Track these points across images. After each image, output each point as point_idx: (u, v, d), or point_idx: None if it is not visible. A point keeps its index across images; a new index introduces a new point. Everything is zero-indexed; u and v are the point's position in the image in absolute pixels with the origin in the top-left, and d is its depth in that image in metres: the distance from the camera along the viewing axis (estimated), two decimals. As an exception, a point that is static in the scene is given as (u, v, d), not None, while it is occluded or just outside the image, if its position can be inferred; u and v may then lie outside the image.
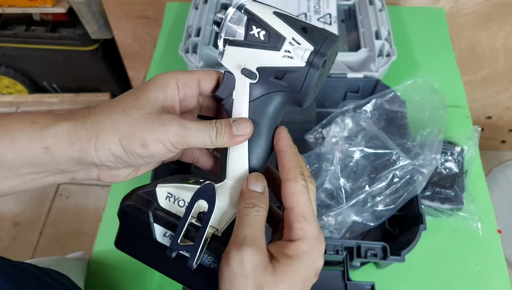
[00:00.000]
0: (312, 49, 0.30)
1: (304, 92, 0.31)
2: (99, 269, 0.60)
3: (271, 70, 0.31)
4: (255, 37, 0.31)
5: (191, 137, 0.32)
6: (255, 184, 0.32)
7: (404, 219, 0.58)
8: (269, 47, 0.31)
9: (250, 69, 0.32)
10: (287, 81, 0.31)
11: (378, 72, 0.65)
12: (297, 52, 0.30)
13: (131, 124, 0.31)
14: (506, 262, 0.58)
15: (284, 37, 0.30)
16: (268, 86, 0.32)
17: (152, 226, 0.33)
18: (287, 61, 0.30)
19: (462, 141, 0.63)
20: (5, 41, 1.39)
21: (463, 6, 0.93)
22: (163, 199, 0.34)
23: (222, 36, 0.32)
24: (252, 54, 0.31)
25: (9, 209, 1.45)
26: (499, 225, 0.61)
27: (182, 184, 0.34)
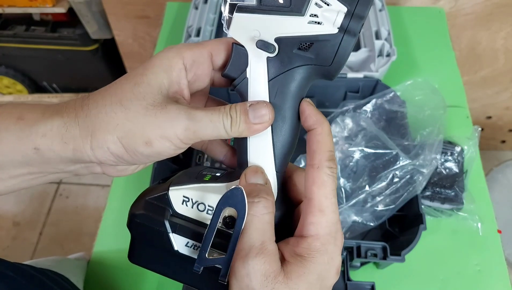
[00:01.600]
0: (346, 11, 0.24)
1: (337, 64, 0.26)
2: (99, 269, 0.60)
3: (294, 40, 0.25)
4: (271, 1, 0.25)
5: (203, 130, 0.27)
6: (255, 177, 0.28)
7: (404, 219, 0.58)
8: (291, 11, 0.25)
9: (267, 40, 0.26)
10: (314, 52, 0.26)
11: (378, 72, 0.65)
12: (327, 15, 0.24)
13: (131, 120, 0.26)
14: (506, 262, 0.58)
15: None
16: (290, 59, 0.26)
17: (171, 237, 0.28)
18: (315, 28, 0.25)
19: (462, 141, 0.63)
20: (5, 41, 1.39)
21: (463, 6, 0.93)
22: (179, 204, 0.29)
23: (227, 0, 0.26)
24: (269, 22, 0.25)
25: (9, 209, 1.45)
26: (499, 225, 0.61)
27: (198, 184, 0.29)
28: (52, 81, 1.62)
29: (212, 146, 0.34)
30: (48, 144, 0.27)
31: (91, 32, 1.31)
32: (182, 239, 0.28)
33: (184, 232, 0.28)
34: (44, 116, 0.27)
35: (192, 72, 0.29)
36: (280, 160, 0.29)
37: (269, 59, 0.27)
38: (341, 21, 0.24)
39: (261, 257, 0.25)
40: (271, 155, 0.28)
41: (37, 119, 0.27)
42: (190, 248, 0.28)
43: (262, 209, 0.26)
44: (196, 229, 0.28)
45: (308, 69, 0.27)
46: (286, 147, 0.29)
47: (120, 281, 0.59)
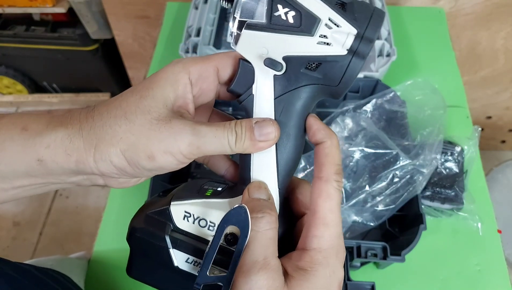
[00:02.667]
0: (356, 33, 0.24)
1: (344, 85, 0.25)
2: (99, 269, 0.60)
3: (302, 59, 0.25)
4: (281, 20, 0.24)
5: (207, 146, 0.27)
6: (258, 192, 0.28)
7: (404, 219, 0.58)
8: (301, 31, 0.24)
9: (275, 58, 0.26)
10: (322, 73, 0.25)
11: (378, 72, 0.65)
12: (336, 37, 0.24)
13: (135, 133, 0.26)
14: (506, 262, 0.58)
15: (319, 19, 0.24)
16: (297, 78, 0.26)
17: (171, 253, 0.28)
18: (324, 48, 0.24)
19: (462, 141, 0.63)
20: (5, 41, 1.39)
21: (463, 6, 0.93)
22: (180, 219, 0.29)
23: (236, 17, 0.26)
24: (278, 41, 0.25)
25: (9, 209, 1.45)
26: (499, 225, 0.61)
27: (200, 199, 0.29)
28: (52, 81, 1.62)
29: (214, 160, 0.34)
30: (52, 155, 0.27)
31: (91, 32, 1.31)
32: (182, 255, 0.28)
33: (184, 248, 0.28)
34: (48, 127, 0.27)
35: (197, 87, 0.29)
36: (283, 177, 0.29)
37: (276, 77, 0.27)
38: (351, 43, 0.24)
39: (264, 272, 0.25)
40: (274, 172, 0.28)
41: (42, 130, 0.27)
42: (190, 264, 0.28)
43: (265, 225, 0.26)
44: (197, 245, 0.28)
45: (315, 88, 0.27)
46: (289, 164, 0.29)
47: (121, 281, 0.59)
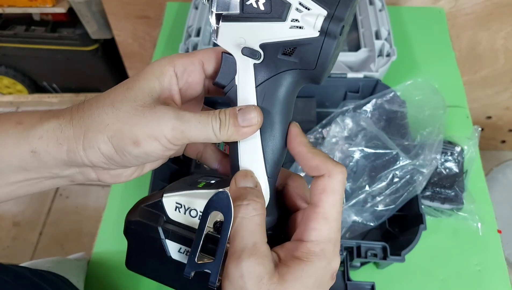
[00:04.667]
0: (326, 14, 0.24)
1: (320, 68, 0.26)
2: (99, 269, 0.60)
3: (277, 45, 0.26)
4: (253, 8, 0.25)
5: (191, 131, 0.27)
6: (244, 181, 0.28)
7: (404, 219, 0.58)
8: (272, 18, 0.25)
9: (252, 47, 0.27)
10: (298, 57, 0.26)
11: (378, 72, 0.65)
12: (307, 19, 0.25)
13: (121, 119, 0.27)
14: (506, 262, 0.58)
15: (289, 3, 0.25)
16: (276, 65, 0.27)
17: (164, 243, 0.29)
18: (296, 32, 0.25)
19: (462, 141, 0.63)
20: (5, 41, 1.39)
21: (463, 6, 0.93)
22: (172, 210, 0.30)
23: (213, 10, 0.27)
24: (252, 29, 0.26)
25: (9, 209, 1.45)
26: (499, 225, 0.61)
27: (191, 190, 0.30)
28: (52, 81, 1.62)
29: (207, 154, 0.35)
30: (44, 146, 0.28)
31: (91, 32, 1.31)
32: (175, 245, 0.29)
33: (177, 238, 0.29)
34: (41, 119, 0.29)
35: (183, 80, 0.30)
36: (271, 165, 0.29)
37: (255, 65, 0.27)
38: (321, 24, 0.24)
39: (254, 258, 0.25)
40: (262, 160, 0.29)
41: (35, 123, 0.28)
42: (183, 254, 0.29)
43: (252, 211, 0.26)
44: (188, 235, 0.29)
45: (294, 73, 0.27)
46: (276, 152, 0.29)
47: (121, 281, 0.59)
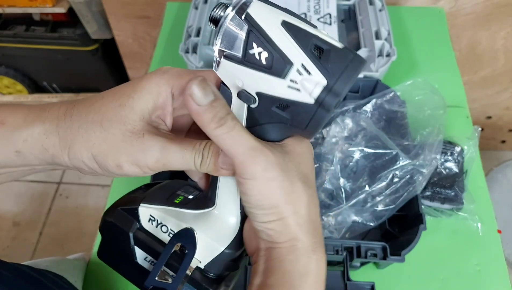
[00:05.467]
0: (325, 84, 0.23)
1: (311, 130, 0.25)
2: (99, 270, 0.60)
3: (273, 98, 0.25)
4: (255, 58, 0.24)
5: (173, 164, 0.28)
6: (206, 96, 0.25)
7: (404, 219, 0.58)
8: (272, 73, 0.24)
9: (249, 92, 0.26)
10: (291, 114, 0.25)
11: (378, 72, 0.65)
12: (305, 84, 0.24)
13: (108, 142, 0.27)
14: (506, 262, 0.58)
15: (291, 63, 0.24)
16: (268, 114, 0.26)
17: (133, 249, 0.31)
18: (293, 93, 0.24)
19: (462, 141, 0.63)
20: (5, 41, 1.39)
21: (463, 6, 0.93)
22: (145, 220, 0.31)
23: (217, 44, 0.25)
24: (251, 76, 0.25)
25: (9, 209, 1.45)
26: (499, 225, 0.61)
27: (166, 206, 0.31)
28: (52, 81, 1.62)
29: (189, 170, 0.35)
30: (29, 148, 0.28)
31: (91, 32, 1.31)
32: (142, 253, 0.30)
33: (145, 248, 0.30)
34: (26, 121, 0.28)
35: (179, 100, 0.29)
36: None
37: (249, 108, 0.27)
38: (318, 94, 0.23)
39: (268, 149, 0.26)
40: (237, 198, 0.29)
41: (19, 125, 0.28)
42: (148, 262, 0.30)
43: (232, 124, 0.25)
44: (156, 247, 0.30)
45: (283, 126, 0.26)
46: None
47: (120, 282, 0.59)
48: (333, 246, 0.52)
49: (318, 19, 0.75)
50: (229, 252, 0.30)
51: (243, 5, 0.25)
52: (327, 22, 0.75)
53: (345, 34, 0.75)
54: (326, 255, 0.52)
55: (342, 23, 0.77)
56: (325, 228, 0.55)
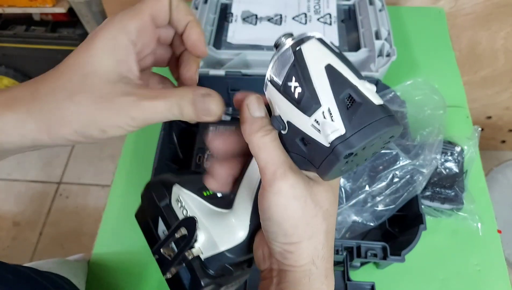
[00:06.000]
0: (342, 134, 0.24)
1: (322, 171, 0.26)
2: (100, 270, 0.60)
3: (298, 131, 0.26)
4: (290, 90, 0.26)
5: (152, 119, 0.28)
6: (259, 110, 0.28)
7: (404, 219, 0.58)
8: (300, 108, 0.25)
9: (282, 118, 0.27)
10: (309, 151, 0.26)
11: (378, 72, 0.65)
12: (325, 128, 0.24)
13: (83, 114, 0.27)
14: (506, 262, 0.58)
15: (319, 104, 0.24)
16: (292, 144, 0.27)
17: (157, 219, 0.34)
18: (314, 132, 0.25)
19: (462, 141, 0.63)
20: (5, 41, 1.39)
21: (463, 6, 0.93)
22: (174, 199, 0.34)
23: (269, 67, 0.27)
24: (285, 105, 0.26)
25: (9, 209, 1.45)
26: (499, 225, 0.61)
27: (194, 194, 0.34)
28: (52, 81, 1.62)
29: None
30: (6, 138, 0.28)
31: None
32: (163, 226, 0.34)
33: (165, 222, 0.33)
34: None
35: (138, 45, 0.29)
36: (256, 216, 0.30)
37: (280, 134, 0.28)
38: (333, 139, 0.24)
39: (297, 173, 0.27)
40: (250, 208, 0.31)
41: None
42: (163, 235, 0.33)
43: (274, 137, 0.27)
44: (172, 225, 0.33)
45: (302, 159, 0.27)
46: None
47: (121, 282, 0.59)
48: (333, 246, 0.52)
49: (318, 19, 0.75)
50: (229, 256, 0.31)
51: (301, 40, 0.26)
52: (327, 22, 0.75)
53: (345, 34, 0.75)
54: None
55: (342, 23, 0.77)
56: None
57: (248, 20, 0.76)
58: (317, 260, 0.27)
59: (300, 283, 0.27)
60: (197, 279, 0.31)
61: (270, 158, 0.26)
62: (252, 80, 0.66)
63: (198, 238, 0.31)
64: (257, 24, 0.75)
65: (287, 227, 0.26)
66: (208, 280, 0.31)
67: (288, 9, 0.77)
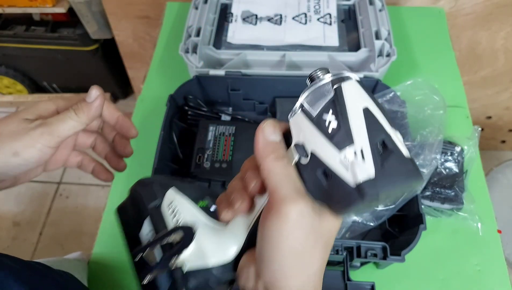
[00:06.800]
0: (372, 177, 0.24)
1: (338, 208, 0.26)
2: (100, 269, 0.60)
3: (322, 164, 0.26)
4: (324, 123, 0.26)
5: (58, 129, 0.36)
6: (274, 134, 0.28)
7: (404, 219, 0.58)
8: (332, 142, 0.25)
9: (306, 148, 0.27)
10: (329, 185, 0.26)
11: (378, 72, 0.65)
12: (354, 167, 0.24)
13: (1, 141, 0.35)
14: (506, 262, 0.58)
15: (352, 142, 0.25)
16: (311, 175, 0.27)
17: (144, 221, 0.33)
18: (341, 168, 0.25)
19: (462, 141, 0.63)
20: (5, 41, 1.39)
21: (463, 6, 0.93)
22: (166, 203, 0.33)
23: (302, 96, 0.28)
24: (314, 136, 0.26)
25: (9, 209, 1.45)
26: (499, 225, 0.61)
27: (189, 202, 0.33)
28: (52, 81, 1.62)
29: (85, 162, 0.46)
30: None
31: (91, 32, 1.31)
32: (147, 228, 0.33)
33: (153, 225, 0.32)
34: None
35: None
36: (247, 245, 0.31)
37: (297, 163, 0.28)
38: (361, 181, 0.24)
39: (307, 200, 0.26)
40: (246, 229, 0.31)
41: None
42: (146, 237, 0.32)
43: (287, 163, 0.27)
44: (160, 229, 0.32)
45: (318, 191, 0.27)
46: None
47: (121, 281, 0.59)
48: (333, 246, 0.52)
49: (318, 19, 0.75)
50: (214, 274, 0.31)
51: (341, 78, 0.27)
52: (327, 22, 0.75)
53: (345, 34, 0.75)
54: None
55: (342, 23, 0.77)
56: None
57: (248, 20, 0.76)
58: (308, 288, 0.27)
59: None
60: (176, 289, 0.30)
61: (282, 182, 0.26)
62: (252, 80, 0.66)
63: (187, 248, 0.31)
64: (257, 24, 0.75)
65: (283, 254, 0.26)
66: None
67: (288, 9, 0.77)
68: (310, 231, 0.26)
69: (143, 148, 0.71)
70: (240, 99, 0.70)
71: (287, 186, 0.26)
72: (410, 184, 0.24)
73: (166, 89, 0.68)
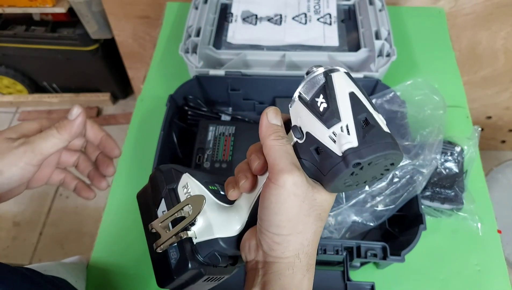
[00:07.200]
0: (355, 146, 0.28)
1: (328, 179, 0.30)
2: (100, 270, 0.60)
3: (315, 140, 0.30)
4: (316, 105, 0.31)
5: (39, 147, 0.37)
6: (276, 119, 0.33)
7: (404, 219, 0.58)
8: (322, 120, 0.30)
9: (302, 129, 0.32)
10: (321, 159, 0.30)
11: (378, 72, 0.65)
12: (340, 139, 0.29)
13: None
14: (506, 262, 0.58)
15: (339, 119, 0.29)
16: (307, 153, 0.31)
17: (160, 201, 0.36)
18: (330, 142, 0.29)
19: (462, 141, 0.63)
20: (5, 41, 1.39)
21: (463, 6, 0.93)
22: (181, 185, 0.37)
23: (299, 87, 0.32)
24: (308, 117, 0.31)
25: (9, 209, 1.45)
26: (499, 225, 0.61)
27: (201, 185, 0.37)
28: (52, 81, 1.62)
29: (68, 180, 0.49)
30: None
31: (91, 32, 1.31)
32: (163, 206, 0.36)
33: (167, 204, 0.36)
34: None
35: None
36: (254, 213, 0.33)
37: (295, 144, 0.32)
38: (345, 149, 0.28)
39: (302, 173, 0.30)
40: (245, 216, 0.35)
41: None
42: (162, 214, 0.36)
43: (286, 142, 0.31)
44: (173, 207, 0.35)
45: (311, 166, 0.31)
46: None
47: (121, 282, 0.59)
48: (333, 246, 0.52)
49: (318, 19, 0.75)
50: (221, 244, 0.34)
51: (332, 70, 0.31)
52: (327, 22, 0.75)
53: (345, 34, 0.75)
54: (326, 255, 0.52)
55: (342, 23, 0.77)
56: (325, 228, 0.55)
57: (248, 20, 0.76)
58: (301, 254, 0.30)
59: (284, 274, 0.30)
60: (186, 260, 0.33)
61: (280, 157, 0.30)
62: (252, 80, 0.66)
63: (196, 222, 0.34)
64: (257, 24, 0.75)
65: (281, 219, 0.29)
66: (195, 263, 0.33)
67: (288, 9, 0.77)
68: (304, 199, 0.29)
69: (143, 148, 0.71)
70: (240, 99, 0.70)
71: (285, 160, 0.30)
72: (390, 152, 0.28)
73: (166, 89, 0.68)
